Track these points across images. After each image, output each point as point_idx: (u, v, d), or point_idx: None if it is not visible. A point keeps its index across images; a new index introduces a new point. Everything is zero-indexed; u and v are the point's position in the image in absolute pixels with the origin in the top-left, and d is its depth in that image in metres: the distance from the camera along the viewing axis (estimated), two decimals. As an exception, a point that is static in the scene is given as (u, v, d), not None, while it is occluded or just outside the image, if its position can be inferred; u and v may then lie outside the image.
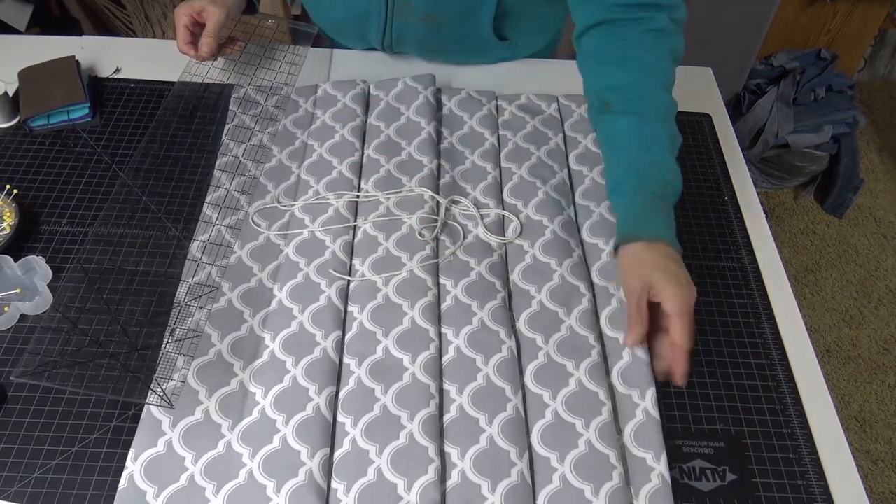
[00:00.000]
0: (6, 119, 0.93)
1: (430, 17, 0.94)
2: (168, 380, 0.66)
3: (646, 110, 0.76)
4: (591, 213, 0.85)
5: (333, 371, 0.70)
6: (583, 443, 0.66)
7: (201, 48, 0.91)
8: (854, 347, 1.79)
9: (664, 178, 0.74)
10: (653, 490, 0.64)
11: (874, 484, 1.56)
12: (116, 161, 0.89)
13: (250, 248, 0.80)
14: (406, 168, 0.87)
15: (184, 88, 0.96)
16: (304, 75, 1.00)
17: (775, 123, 1.93)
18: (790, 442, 0.69)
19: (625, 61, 0.78)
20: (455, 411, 0.68)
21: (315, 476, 0.62)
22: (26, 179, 0.87)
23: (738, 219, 0.88)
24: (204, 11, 0.91)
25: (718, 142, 0.97)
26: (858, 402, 1.69)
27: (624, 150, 0.77)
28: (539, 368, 0.71)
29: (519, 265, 0.80)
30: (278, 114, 0.94)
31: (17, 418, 0.67)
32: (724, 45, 1.86)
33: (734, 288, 0.81)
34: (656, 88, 0.77)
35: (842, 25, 2.10)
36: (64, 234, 0.81)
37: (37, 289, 0.75)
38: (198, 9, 0.91)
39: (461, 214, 0.84)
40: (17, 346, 0.72)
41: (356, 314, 0.74)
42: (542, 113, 0.96)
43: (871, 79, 2.46)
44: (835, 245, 2.01)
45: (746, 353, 0.76)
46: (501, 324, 0.73)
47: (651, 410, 0.69)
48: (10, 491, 0.63)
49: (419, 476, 0.63)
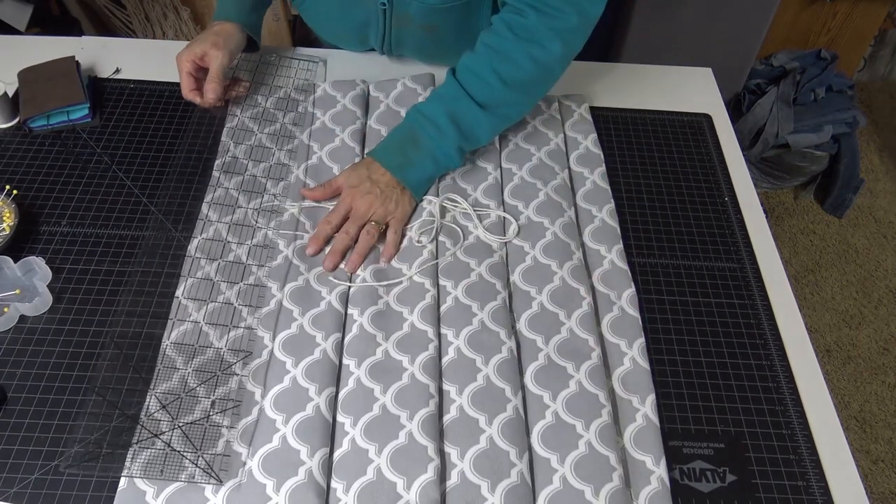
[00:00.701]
0: (6, 119, 0.92)
1: (428, 27, 0.94)
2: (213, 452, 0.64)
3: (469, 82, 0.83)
4: (594, 219, 0.85)
5: (333, 372, 0.70)
6: (583, 444, 0.66)
7: (207, 94, 0.90)
8: (854, 347, 1.79)
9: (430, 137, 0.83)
10: (652, 493, 0.64)
11: (874, 484, 1.56)
12: (116, 161, 0.89)
13: (251, 247, 0.80)
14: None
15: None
16: (307, 74, 1.00)
17: (775, 123, 1.93)
18: (790, 442, 0.69)
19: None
20: (455, 412, 0.68)
21: (315, 475, 0.62)
22: (26, 180, 0.87)
23: (738, 219, 0.88)
24: (206, 56, 0.89)
25: (718, 142, 0.97)
26: (858, 402, 1.69)
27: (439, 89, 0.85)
28: (539, 369, 0.71)
29: (520, 266, 0.80)
30: (278, 114, 0.94)
31: (17, 418, 0.67)
32: (724, 45, 1.86)
33: (734, 288, 0.81)
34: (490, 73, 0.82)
35: (842, 25, 2.10)
36: (64, 234, 0.81)
37: (36, 290, 0.75)
38: (199, 53, 0.89)
39: (461, 215, 0.84)
40: (17, 346, 0.72)
41: (356, 317, 0.74)
42: (542, 113, 0.96)
43: (871, 79, 2.46)
44: (835, 245, 2.01)
45: (746, 353, 0.76)
46: (502, 324, 0.73)
47: (651, 416, 0.69)
48: (10, 492, 0.63)
49: (419, 475, 0.63)
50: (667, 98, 1.02)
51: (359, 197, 0.80)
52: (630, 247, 0.84)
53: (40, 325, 0.73)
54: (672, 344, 0.76)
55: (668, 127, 0.99)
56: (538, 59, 0.82)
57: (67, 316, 0.74)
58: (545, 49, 0.81)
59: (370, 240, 0.79)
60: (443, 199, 0.84)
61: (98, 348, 0.72)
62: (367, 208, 0.80)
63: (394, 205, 0.81)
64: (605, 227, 0.84)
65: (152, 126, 0.93)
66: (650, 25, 1.82)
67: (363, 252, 0.78)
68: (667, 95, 1.03)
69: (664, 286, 0.81)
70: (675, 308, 0.79)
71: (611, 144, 0.95)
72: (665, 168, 0.93)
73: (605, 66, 1.07)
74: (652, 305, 0.79)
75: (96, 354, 0.71)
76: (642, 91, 1.03)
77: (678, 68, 1.08)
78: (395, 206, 0.81)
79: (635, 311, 0.77)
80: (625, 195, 0.90)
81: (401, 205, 0.82)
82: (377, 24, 0.96)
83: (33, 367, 0.70)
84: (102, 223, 0.83)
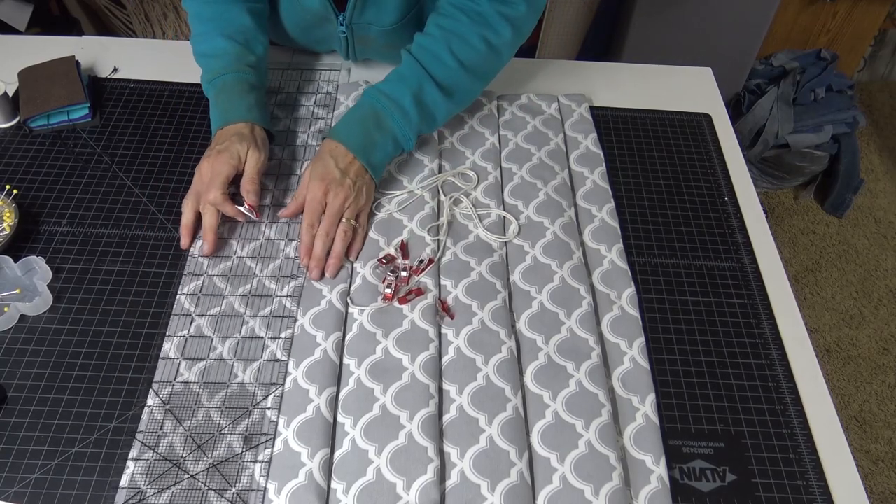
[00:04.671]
0: (6, 119, 0.93)
1: (389, 46, 0.95)
2: (250, 489, 0.63)
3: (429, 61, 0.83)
4: (594, 218, 0.85)
5: (334, 371, 0.70)
6: (583, 443, 0.66)
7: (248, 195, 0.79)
8: (854, 347, 1.79)
9: (389, 112, 0.82)
10: (652, 492, 0.64)
11: (874, 484, 1.56)
12: (116, 161, 0.89)
13: (251, 248, 0.80)
14: (406, 168, 0.87)
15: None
16: (306, 73, 1.00)
17: (775, 123, 1.93)
18: (790, 442, 0.69)
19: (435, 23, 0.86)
20: (455, 411, 0.68)
21: (315, 476, 0.62)
22: (26, 179, 0.87)
23: (738, 219, 0.88)
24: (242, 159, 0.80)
25: (718, 142, 0.97)
26: (858, 402, 1.69)
27: (401, 69, 0.85)
28: (539, 369, 0.71)
29: (520, 266, 0.80)
30: (280, 113, 0.94)
31: (17, 418, 0.67)
32: (724, 45, 1.86)
33: (734, 288, 0.81)
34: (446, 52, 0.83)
35: (842, 25, 2.10)
36: (64, 234, 0.81)
37: (36, 289, 0.75)
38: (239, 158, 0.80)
39: (461, 215, 0.84)
40: (17, 346, 0.72)
41: (356, 315, 0.74)
42: (542, 113, 0.96)
43: (871, 79, 2.46)
44: (835, 245, 2.01)
45: (746, 353, 0.76)
46: (502, 324, 0.73)
47: (651, 415, 0.69)
48: (10, 491, 0.63)
49: (418, 476, 0.63)
50: (667, 98, 1.02)
51: (332, 191, 0.78)
52: (630, 246, 0.84)
53: (40, 325, 0.73)
54: (672, 343, 0.76)
55: (668, 127, 0.99)
56: (491, 41, 0.83)
57: (67, 316, 0.74)
58: (497, 33, 0.83)
59: (347, 241, 0.78)
60: (450, 202, 0.84)
61: (99, 346, 0.72)
62: (341, 204, 0.78)
63: (364, 197, 0.80)
64: (605, 226, 0.84)
65: (152, 126, 0.93)
66: (650, 25, 1.82)
67: (341, 255, 0.77)
68: (667, 95, 1.03)
69: (664, 286, 0.81)
70: (675, 308, 0.79)
71: (611, 144, 0.95)
72: (665, 168, 0.93)
73: (605, 66, 1.07)
74: (652, 305, 0.79)
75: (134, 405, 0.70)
76: (642, 91, 1.03)
77: (678, 68, 1.08)
78: (365, 199, 0.80)
79: (635, 311, 0.77)
80: (625, 195, 0.90)
81: (368, 196, 0.81)
82: (339, 44, 0.96)
83: (33, 367, 0.70)
84: (102, 223, 0.83)
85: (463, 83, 0.85)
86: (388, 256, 0.79)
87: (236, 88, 0.84)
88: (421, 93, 0.83)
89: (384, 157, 0.83)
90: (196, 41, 0.89)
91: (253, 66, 0.87)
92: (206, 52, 0.87)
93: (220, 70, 0.85)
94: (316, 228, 0.77)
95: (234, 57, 0.86)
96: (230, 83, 0.84)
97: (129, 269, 0.78)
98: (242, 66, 0.86)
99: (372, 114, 0.82)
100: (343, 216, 0.78)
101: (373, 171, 0.81)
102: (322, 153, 0.80)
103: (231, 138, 0.80)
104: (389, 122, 0.82)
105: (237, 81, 0.85)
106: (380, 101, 0.82)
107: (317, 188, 0.78)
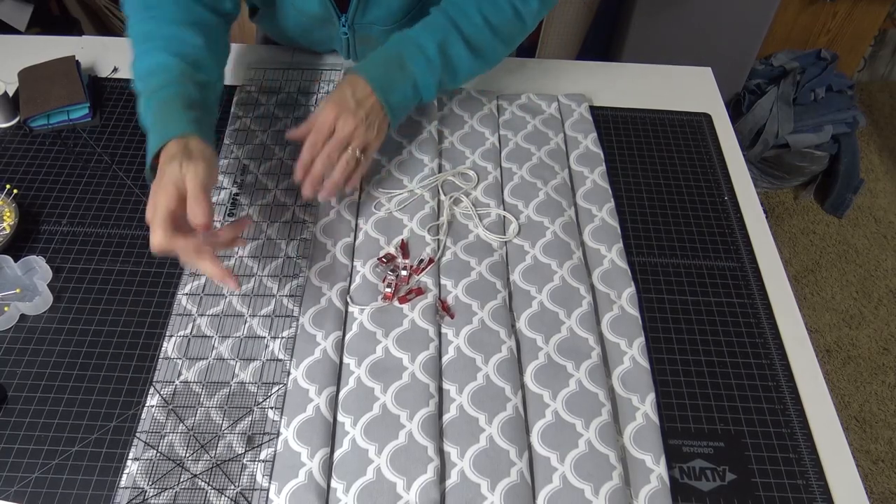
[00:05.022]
0: (6, 119, 0.93)
1: None
2: (251, 488, 0.63)
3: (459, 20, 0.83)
4: (594, 218, 0.85)
5: (334, 371, 0.70)
6: (583, 443, 0.66)
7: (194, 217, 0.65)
8: (854, 347, 1.79)
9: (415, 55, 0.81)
10: (652, 491, 0.64)
11: (874, 484, 1.56)
12: (116, 161, 0.89)
13: (251, 247, 0.80)
14: (406, 167, 0.87)
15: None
16: (307, 73, 1.00)
17: (775, 123, 1.93)
18: (790, 442, 0.69)
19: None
20: (455, 411, 0.68)
21: (315, 476, 0.62)
22: (26, 179, 0.87)
23: (738, 219, 0.88)
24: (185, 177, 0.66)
25: (718, 142, 0.97)
26: (858, 402, 1.69)
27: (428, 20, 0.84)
28: (539, 368, 0.71)
29: (520, 265, 0.80)
30: (280, 113, 0.94)
31: (17, 418, 0.67)
32: (724, 45, 1.86)
33: (734, 288, 0.81)
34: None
35: (842, 25, 2.10)
36: (64, 234, 0.81)
37: (36, 289, 0.75)
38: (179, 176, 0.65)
39: (461, 214, 0.84)
40: (18, 346, 0.72)
41: (356, 315, 0.74)
42: (542, 113, 0.96)
43: (871, 79, 2.46)
44: (835, 245, 2.01)
45: (746, 353, 0.76)
46: (502, 324, 0.73)
47: (651, 415, 0.69)
48: (10, 491, 0.63)
49: (418, 475, 0.63)
50: (667, 98, 1.02)
51: (343, 116, 0.76)
52: (630, 246, 0.84)
53: (40, 325, 0.73)
54: (672, 343, 0.76)
55: (668, 126, 0.99)
56: (518, 9, 0.84)
57: (67, 315, 0.74)
58: (525, 1, 0.84)
59: (349, 170, 0.77)
60: (450, 202, 0.84)
61: (99, 346, 0.72)
62: (350, 131, 0.77)
63: (374, 132, 0.79)
64: (604, 226, 0.84)
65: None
66: (650, 25, 1.82)
67: (340, 182, 0.77)
68: (667, 95, 1.03)
69: (664, 285, 0.81)
70: (675, 307, 0.79)
71: (611, 144, 0.95)
72: (665, 168, 0.93)
73: (605, 66, 1.07)
74: (652, 304, 0.79)
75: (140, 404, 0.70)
76: (642, 91, 1.03)
77: (678, 68, 1.08)
78: (375, 134, 0.79)
79: (635, 311, 0.77)
80: (625, 195, 0.90)
81: (379, 133, 0.80)
82: (341, 44, 0.96)
83: (33, 367, 0.70)
84: (102, 223, 0.83)
85: (488, 43, 0.85)
86: (389, 255, 0.79)
87: (176, 103, 0.71)
88: (446, 44, 0.82)
89: (402, 100, 0.81)
90: (134, 64, 0.76)
91: (200, 85, 0.75)
92: (144, 72, 0.75)
93: (158, 85, 0.72)
94: (319, 150, 0.77)
95: (177, 73, 0.74)
96: (169, 98, 0.71)
97: (129, 268, 0.78)
98: (187, 81, 0.74)
99: (396, 55, 0.81)
100: (350, 145, 0.77)
101: (390, 111, 0.80)
102: (342, 84, 0.79)
103: (163, 166, 0.66)
104: (412, 66, 0.81)
105: (177, 96, 0.71)
106: (405, 44, 0.81)
107: (328, 112, 0.77)
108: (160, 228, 0.63)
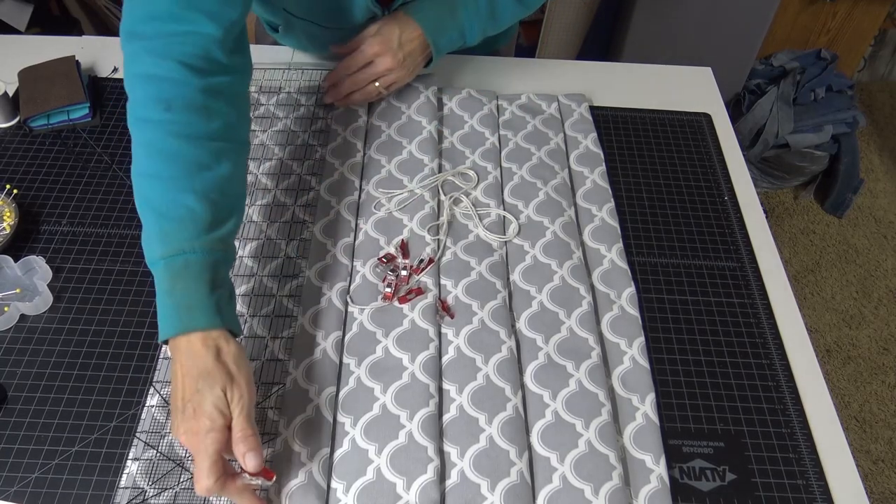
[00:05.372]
0: (6, 119, 0.93)
1: None
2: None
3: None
4: (594, 218, 0.85)
5: (334, 371, 0.70)
6: (583, 443, 0.66)
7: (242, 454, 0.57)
8: (854, 347, 1.79)
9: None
10: (652, 491, 0.64)
11: (874, 484, 1.56)
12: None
13: (251, 247, 0.80)
14: (407, 167, 0.87)
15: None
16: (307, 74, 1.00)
17: (775, 123, 1.93)
18: (790, 442, 0.69)
19: None
20: (455, 411, 0.68)
21: (315, 476, 0.62)
22: (26, 179, 0.87)
23: (738, 219, 0.88)
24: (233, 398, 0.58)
25: (718, 142, 0.97)
26: (858, 402, 1.69)
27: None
28: (539, 368, 0.71)
29: (520, 265, 0.80)
30: (279, 113, 0.94)
31: (17, 418, 0.67)
32: (724, 45, 1.86)
33: (734, 288, 0.81)
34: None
35: (842, 25, 2.10)
36: (64, 234, 0.81)
37: (36, 289, 0.75)
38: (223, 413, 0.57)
39: (461, 214, 0.84)
40: (18, 346, 0.72)
41: (356, 315, 0.74)
42: (542, 113, 0.96)
43: (871, 79, 2.46)
44: (835, 245, 2.01)
45: (746, 353, 0.76)
46: (502, 324, 0.73)
47: (651, 415, 0.69)
48: (10, 491, 0.63)
49: (418, 475, 0.63)
50: (667, 97, 1.02)
51: (383, 53, 0.85)
52: (630, 246, 0.84)
53: (40, 325, 0.74)
54: (672, 343, 0.76)
55: (667, 126, 0.99)
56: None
57: (67, 315, 0.74)
58: None
59: (369, 98, 0.90)
60: (450, 202, 0.84)
61: (98, 346, 0.72)
62: (385, 68, 0.86)
63: (404, 72, 0.87)
64: (604, 226, 0.84)
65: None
66: (650, 25, 1.82)
67: (357, 103, 0.90)
68: (667, 95, 1.03)
69: (664, 285, 0.81)
70: (675, 307, 0.79)
71: (611, 144, 0.95)
72: (665, 168, 0.93)
73: (605, 66, 1.07)
74: (652, 304, 0.79)
75: (140, 405, 0.70)
76: (642, 90, 1.03)
77: (678, 68, 1.08)
78: (405, 74, 0.88)
79: (635, 311, 0.77)
80: (625, 195, 0.90)
81: (409, 75, 0.89)
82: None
83: (33, 367, 0.70)
84: (102, 223, 0.83)
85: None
86: (389, 255, 0.79)
87: (203, 277, 0.60)
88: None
89: (448, 44, 0.90)
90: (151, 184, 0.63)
91: (223, 241, 0.63)
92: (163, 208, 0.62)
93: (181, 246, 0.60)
94: (352, 72, 0.88)
95: (203, 225, 0.61)
96: (193, 265, 0.60)
97: (129, 268, 0.78)
98: (213, 241, 0.62)
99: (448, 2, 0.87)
100: (378, 80, 0.87)
101: (436, 51, 0.88)
102: (392, 21, 0.86)
103: (198, 385, 0.57)
104: (462, 12, 0.88)
105: (203, 267, 0.61)
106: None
107: (372, 46, 0.85)
108: (213, 476, 0.54)
